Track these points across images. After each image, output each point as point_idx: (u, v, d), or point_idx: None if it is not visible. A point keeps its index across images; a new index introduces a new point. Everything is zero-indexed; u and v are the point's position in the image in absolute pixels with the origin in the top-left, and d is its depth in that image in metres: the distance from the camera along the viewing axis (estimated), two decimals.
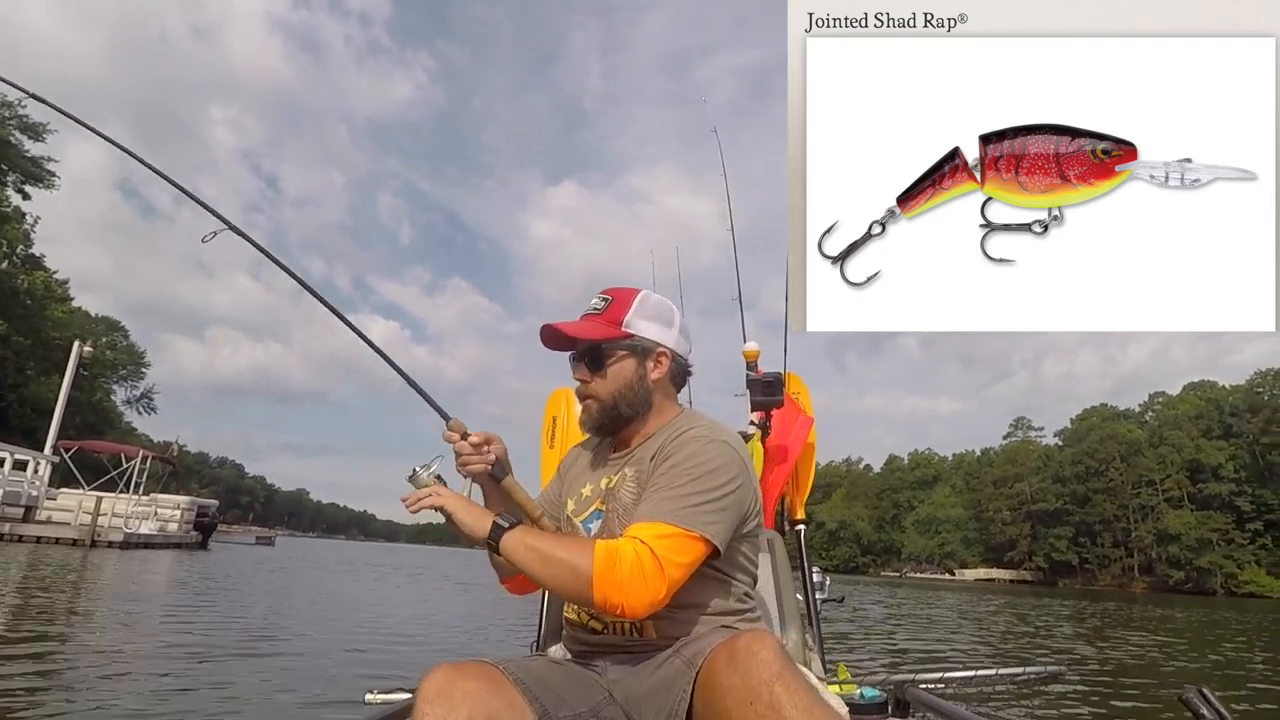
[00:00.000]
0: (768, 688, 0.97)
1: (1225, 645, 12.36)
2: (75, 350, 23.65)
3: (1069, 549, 73.40)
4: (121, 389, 68.10)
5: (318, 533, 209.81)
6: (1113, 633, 13.91)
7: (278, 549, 40.19)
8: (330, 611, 9.90)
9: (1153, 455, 69.47)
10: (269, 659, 5.55)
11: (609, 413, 1.42)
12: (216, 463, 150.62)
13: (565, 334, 1.41)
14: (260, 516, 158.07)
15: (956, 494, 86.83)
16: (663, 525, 1.20)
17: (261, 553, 31.32)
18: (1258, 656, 10.69)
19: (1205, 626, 17.61)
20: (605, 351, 1.42)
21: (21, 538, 20.54)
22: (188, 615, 8.19)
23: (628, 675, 1.27)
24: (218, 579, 14.29)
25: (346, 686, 4.59)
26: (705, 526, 1.22)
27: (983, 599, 28.40)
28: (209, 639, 6.44)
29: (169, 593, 10.99)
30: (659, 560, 1.16)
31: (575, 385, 1.48)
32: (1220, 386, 72.70)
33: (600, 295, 1.48)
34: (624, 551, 1.16)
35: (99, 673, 4.68)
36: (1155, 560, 68.15)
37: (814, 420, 3.27)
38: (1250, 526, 63.85)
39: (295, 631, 7.25)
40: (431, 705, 1.03)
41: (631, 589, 1.14)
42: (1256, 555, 62.87)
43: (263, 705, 4.09)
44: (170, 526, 26.64)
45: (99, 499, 22.49)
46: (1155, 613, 23.12)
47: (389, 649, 6.65)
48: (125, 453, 26.66)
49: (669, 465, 1.31)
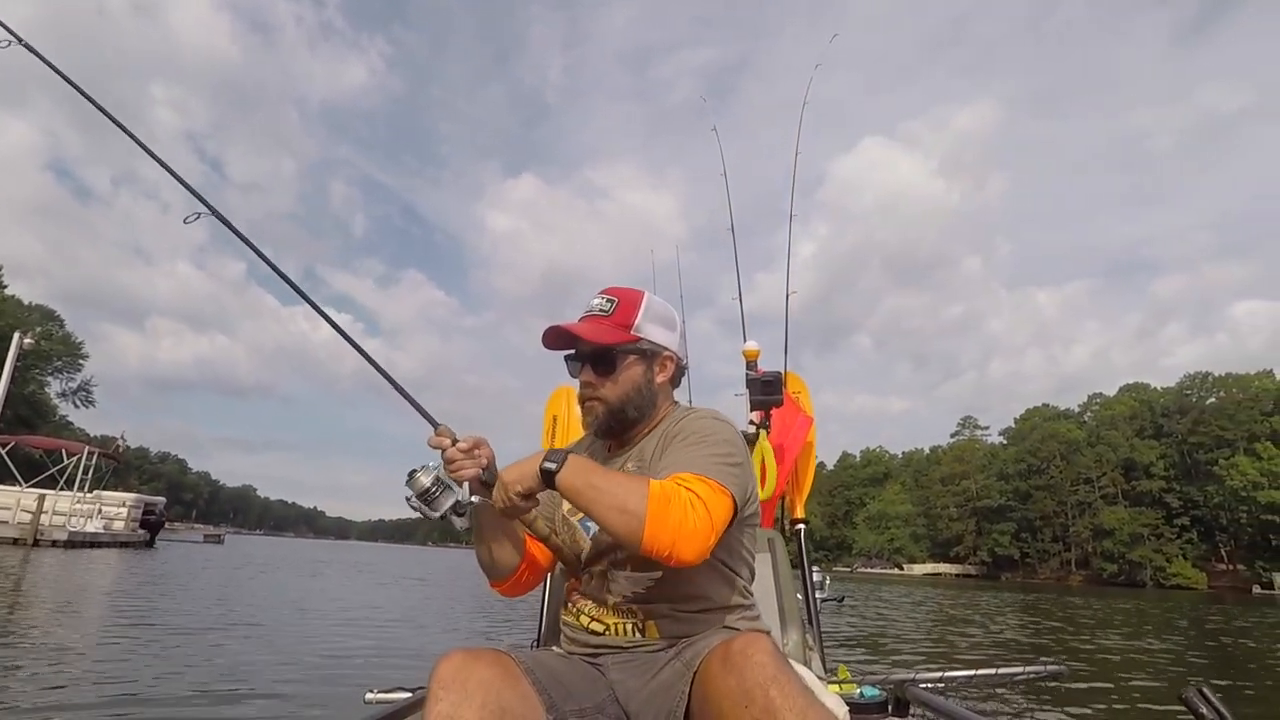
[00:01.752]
0: (763, 690, 0.97)
1: (1221, 640, 13.15)
2: (15, 342, 22.59)
3: (1011, 544, 76.23)
4: (57, 381, 65.26)
5: (264, 530, 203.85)
6: (1079, 630, 14.63)
7: (227, 547, 39.07)
8: (319, 613, 9.77)
9: (1090, 454, 72.62)
10: (258, 663, 5.51)
11: (616, 416, 1.41)
12: (158, 458, 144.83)
13: (580, 337, 1.38)
14: (204, 514, 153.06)
15: (906, 491, 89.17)
16: (698, 478, 1.18)
17: (212, 551, 30.41)
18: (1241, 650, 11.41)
19: (1167, 620, 18.61)
20: (617, 355, 1.40)
21: None
22: (157, 618, 8.06)
23: (629, 676, 1.26)
24: (182, 581, 13.95)
25: (345, 686, 4.64)
26: (730, 483, 1.21)
27: (935, 592, 29.34)
28: (190, 642, 6.38)
29: (130, 594, 10.73)
30: (705, 503, 1.14)
31: (577, 386, 1.45)
32: (1153, 388, 76.39)
33: (604, 296, 1.44)
34: (677, 493, 1.13)
35: (92, 677, 4.67)
36: (1091, 554, 71.29)
37: (814, 420, 3.25)
38: (1178, 522, 67.30)
39: (282, 633, 7.21)
40: (446, 690, 1.02)
41: (683, 532, 1.11)
42: (1183, 549, 66.35)
43: (266, 706, 4.12)
44: (116, 525, 25.66)
45: (41, 496, 21.60)
46: (1096, 604, 24.26)
47: (386, 649, 6.66)
48: (67, 448, 25.58)
49: (682, 438, 1.32)
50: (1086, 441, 74.01)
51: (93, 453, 25.49)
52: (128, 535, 25.79)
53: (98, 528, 24.04)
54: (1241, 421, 63.84)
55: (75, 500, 23.56)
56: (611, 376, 1.40)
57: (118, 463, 30.82)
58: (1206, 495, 65.62)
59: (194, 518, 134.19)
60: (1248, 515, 61.70)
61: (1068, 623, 15.09)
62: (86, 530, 22.82)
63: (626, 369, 1.40)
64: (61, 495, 23.25)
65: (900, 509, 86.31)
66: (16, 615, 7.40)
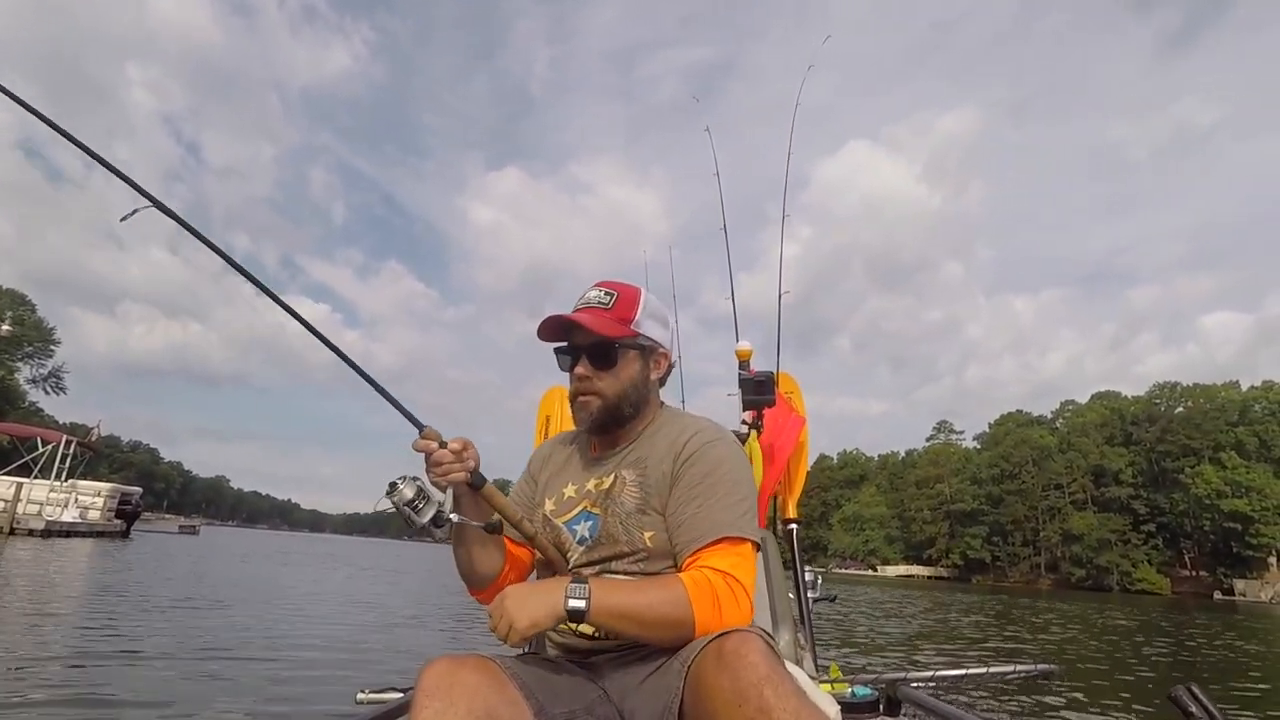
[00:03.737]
0: (756, 690, 0.97)
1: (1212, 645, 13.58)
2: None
3: (983, 547, 77.49)
4: (27, 367, 64.03)
5: (238, 521, 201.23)
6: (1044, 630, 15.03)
7: (202, 538, 38.72)
8: (309, 610, 9.82)
9: (1061, 460, 74.10)
10: (247, 661, 5.54)
11: (611, 412, 1.38)
12: (129, 447, 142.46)
13: (586, 328, 1.35)
14: (176, 504, 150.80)
15: (881, 493, 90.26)
16: (727, 546, 1.22)
17: (188, 542, 30.14)
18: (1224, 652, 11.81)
19: (1148, 623, 19.16)
20: (618, 350, 1.38)
21: None
22: (138, 612, 8.13)
23: (623, 675, 1.26)
24: (166, 572, 13.92)
25: (338, 685, 4.64)
26: (753, 532, 1.25)
27: (910, 594, 29.86)
28: (175, 638, 6.45)
29: (110, 588, 10.75)
30: (741, 583, 1.19)
31: (568, 382, 1.41)
32: (1123, 396, 78.19)
33: (601, 288, 1.42)
34: (715, 585, 1.17)
35: (100, 673, 4.79)
36: (1060, 558, 72.74)
37: (806, 420, 3.24)
38: (1144, 528, 68.96)
39: (272, 630, 7.24)
40: (430, 698, 1.01)
41: (729, 620, 1.15)
42: (1149, 555, 68.00)
43: (256, 708, 4.10)
44: (91, 514, 25.44)
45: (18, 484, 21.37)
46: (1061, 606, 24.89)
47: (380, 648, 6.69)
48: (44, 436, 25.31)
49: (703, 475, 1.30)
50: (1058, 448, 75.47)
51: (70, 441, 25.23)
52: (104, 525, 25.57)
53: (74, 517, 23.84)
54: (1207, 431, 65.57)
55: (51, 489, 23.33)
56: (611, 371, 1.37)
57: (93, 452, 30.50)
58: (1173, 502, 67.32)
59: (165, 508, 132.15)
60: (1211, 522, 63.46)
61: (1040, 628, 15.55)
62: (63, 520, 22.62)
63: (626, 364, 1.39)
64: (37, 484, 23.02)
65: (875, 511, 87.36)
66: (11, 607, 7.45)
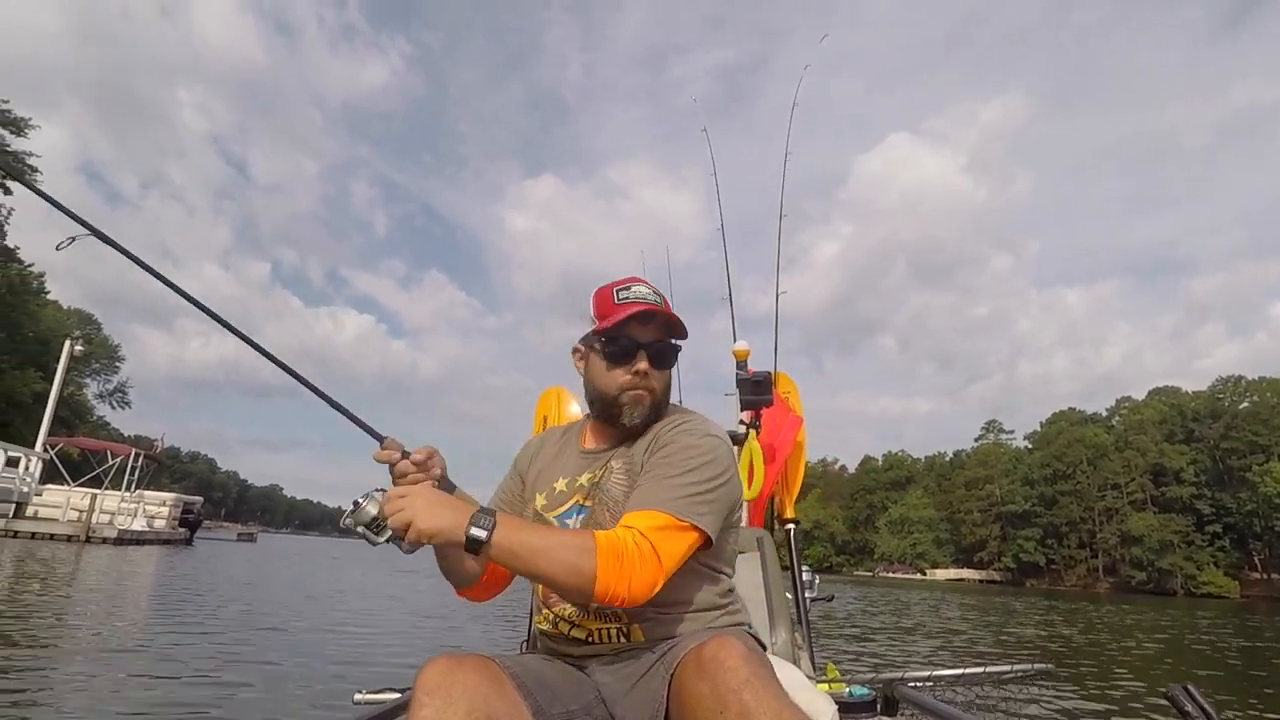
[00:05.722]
0: (736, 696, 0.97)
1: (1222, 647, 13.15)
2: (66, 350, 23.64)
3: (1036, 550, 75.31)
4: (94, 382, 67.18)
5: (291, 529, 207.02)
6: (1104, 634, 14.70)
7: (260, 545, 40.05)
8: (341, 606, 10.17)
9: (1118, 459, 71.56)
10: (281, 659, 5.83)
11: (659, 408, 1.39)
12: (188, 458, 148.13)
13: (677, 327, 1.38)
14: (233, 512, 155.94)
15: (929, 495, 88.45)
16: (658, 514, 1.19)
17: (247, 549, 31.32)
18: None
19: (1185, 627, 18.55)
20: (677, 350, 1.41)
21: (16, 533, 20.65)
22: (225, 611, 8.53)
23: (614, 679, 1.26)
24: (241, 575, 14.52)
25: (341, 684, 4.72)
26: (699, 517, 1.21)
27: (962, 599, 29.27)
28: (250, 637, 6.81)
29: (191, 587, 11.28)
30: (656, 551, 1.15)
31: (623, 372, 1.37)
32: (1184, 392, 75.12)
33: (647, 287, 1.40)
34: (625, 542, 1.14)
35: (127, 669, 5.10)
36: (1119, 561, 70.22)
37: (803, 420, 3.26)
38: (1209, 529, 66.10)
39: (306, 631, 7.55)
40: (430, 696, 1.01)
41: (635, 580, 1.12)
42: (1215, 557, 65.14)
43: (260, 703, 4.29)
44: (158, 523, 26.70)
45: (93, 496, 22.53)
46: (1140, 615, 24.11)
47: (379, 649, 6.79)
48: (113, 450, 26.62)
49: (663, 455, 1.31)
50: (1114, 446, 72.97)
51: (138, 455, 26.49)
52: (169, 533, 26.79)
53: (142, 526, 25.01)
54: (1276, 427, 62.59)
55: (121, 500, 24.54)
56: (667, 369, 1.40)
57: (157, 463, 31.91)
58: (1239, 502, 64.38)
59: (223, 516, 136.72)
60: None
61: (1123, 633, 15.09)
62: (133, 528, 23.75)
63: (672, 365, 1.42)
64: (108, 495, 24.23)
65: (923, 514, 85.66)
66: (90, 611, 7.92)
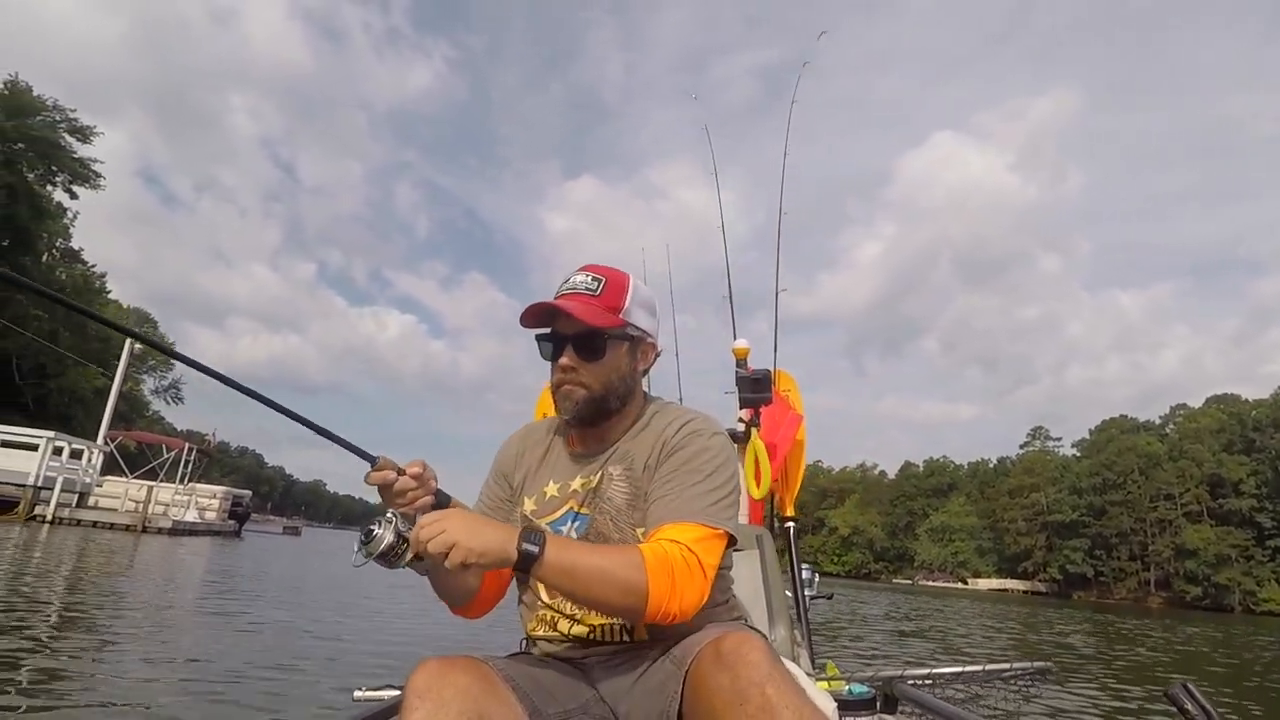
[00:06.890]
0: (758, 689, 0.96)
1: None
2: (127, 347, 24.76)
3: (1084, 561, 73.09)
4: (150, 379, 70.03)
5: (334, 523, 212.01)
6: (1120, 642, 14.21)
7: (305, 538, 41.23)
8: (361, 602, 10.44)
9: (1172, 469, 69.05)
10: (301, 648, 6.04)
11: (596, 404, 1.32)
12: (237, 452, 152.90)
13: (572, 315, 1.28)
14: (279, 506, 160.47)
15: (971, 503, 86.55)
16: (695, 526, 1.17)
17: (293, 542, 32.27)
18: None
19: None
20: (606, 339, 1.32)
21: (79, 522, 21.67)
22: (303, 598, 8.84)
23: (616, 676, 1.24)
24: (295, 568, 14.99)
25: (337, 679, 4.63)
26: (726, 521, 1.21)
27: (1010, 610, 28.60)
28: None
29: (274, 577, 11.69)
30: (701, 564, 1.14)
31: (552, 370, 1.35)
32: (1243, 400, 72.15)
33: (588, 274, 1.36)
34: (674, 557, 1.12)
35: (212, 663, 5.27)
36: (1172, 575, 67.73)
37: (803, 418, 3.20)
38: (1271, 543, 63.38)
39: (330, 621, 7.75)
40: (421, 699, 0.99)
41: (685, 595, 1.11)
42: (1277, 573, 62.39)
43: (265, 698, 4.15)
44: (209, 515, 27.70)
45: (150, 488, 23.52)
46: (1186, 628, 23.19)
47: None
48: (168, 444, 27.72)
49: (682, 462, 1.26)
50: (1168, 455, 70.42)
51: (192, 449, 27.54)
52: (220, 525, 27.77)
53: (194, 517, 25.97)
54: None
55: (175, 492, 25.54)
56: (597, 361, 1.31)
57: (209, 457, 33.09)
58: None
59: (269, 509, 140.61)
60: None
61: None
62: (186, 519, 24.69)
63: (614, 355, 1.33)
64: (163, 487, 25.24)
65: (965, 521, 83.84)
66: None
